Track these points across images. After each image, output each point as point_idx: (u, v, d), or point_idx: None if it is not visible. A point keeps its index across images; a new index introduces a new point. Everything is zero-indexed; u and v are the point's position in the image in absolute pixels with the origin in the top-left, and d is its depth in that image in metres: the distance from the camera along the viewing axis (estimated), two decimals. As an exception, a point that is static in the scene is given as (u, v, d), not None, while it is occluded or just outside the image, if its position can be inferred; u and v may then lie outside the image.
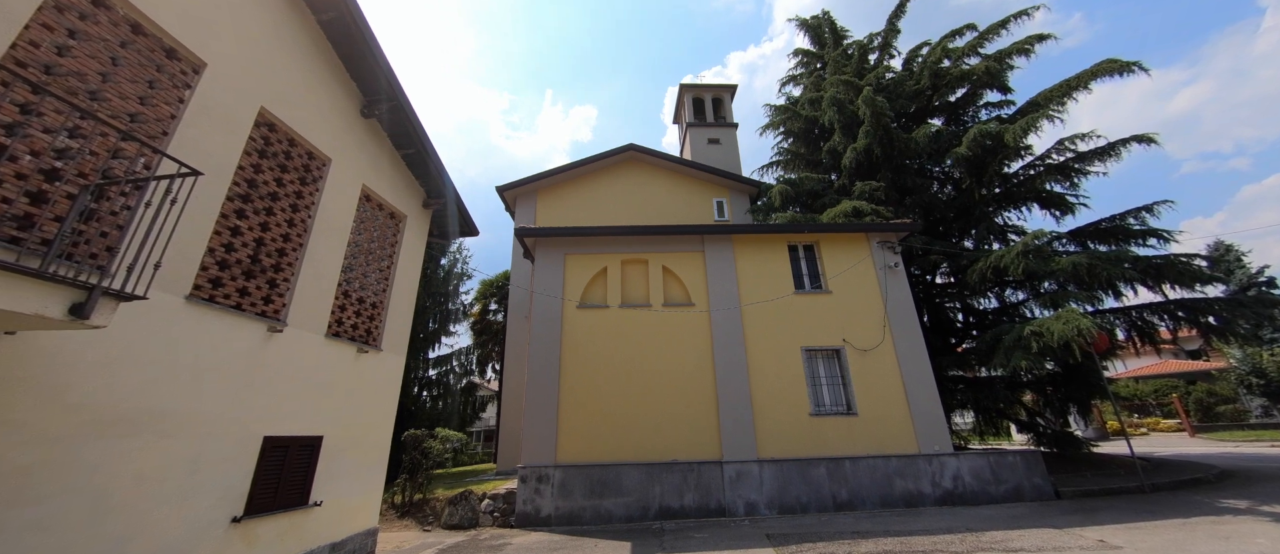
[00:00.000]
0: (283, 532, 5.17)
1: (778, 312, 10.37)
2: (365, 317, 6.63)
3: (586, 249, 10.85)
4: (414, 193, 7.87)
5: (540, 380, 9.53)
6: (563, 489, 8.67)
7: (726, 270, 10.72)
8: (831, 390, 9.97)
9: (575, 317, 10.18)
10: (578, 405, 9.38)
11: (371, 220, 6.97)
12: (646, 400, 9.48)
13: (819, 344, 10.15)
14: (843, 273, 10.77)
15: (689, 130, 17.82)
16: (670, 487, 8.75)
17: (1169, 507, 7.72)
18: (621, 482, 8.75)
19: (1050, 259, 10.95)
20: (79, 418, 3.60)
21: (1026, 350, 9.10)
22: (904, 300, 10.57)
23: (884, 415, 9.57)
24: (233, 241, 4.99)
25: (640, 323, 10.18)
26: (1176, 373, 26.95)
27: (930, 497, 8.90)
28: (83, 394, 3.63)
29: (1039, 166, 12.81)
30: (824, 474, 8.95)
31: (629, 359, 9.81)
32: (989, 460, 9.26)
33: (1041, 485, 9.13)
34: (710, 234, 10.97)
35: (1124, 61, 11.52)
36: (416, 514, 9.32)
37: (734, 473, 8.89)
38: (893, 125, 13.32)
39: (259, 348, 5.07)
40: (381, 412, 6.75)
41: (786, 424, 9.41)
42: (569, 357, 9.79)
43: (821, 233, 11.14)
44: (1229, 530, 6.14)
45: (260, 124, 5.43)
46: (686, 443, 9.18)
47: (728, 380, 9.66)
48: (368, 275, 6.79)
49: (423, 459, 9.65)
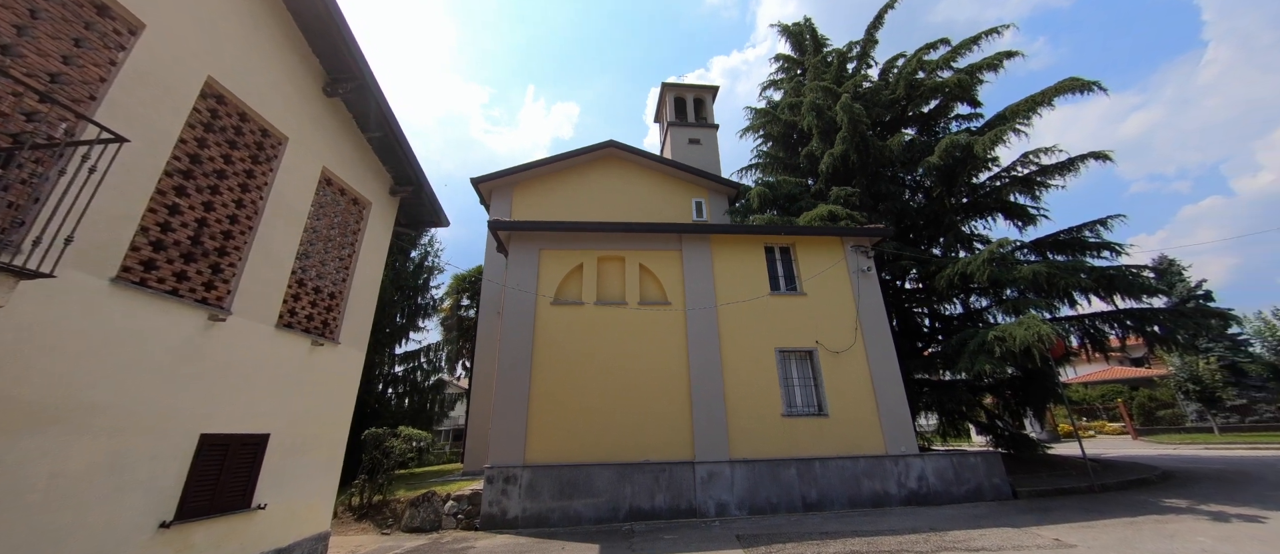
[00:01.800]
0: (220, 537, 4.77)
1: (753, 312, 10.38)
2: (322, 307, 6.24)
3: (562, 244, 10.62)
4: (380, 179, 7.48)
5: (510, 378, 9.24)
6: (531, 490, 8.43)
7: (703, 270, 10.67)
8: (804, 391, 10.05)
9: (549, 313, 9.94)
10: (549, 404, 9.14)
11: (332, 206, 6.58)
12: (620, 400, 9.33)
13: (793, 345, 10.21)
14: (818, 275, 10.87)
15: (670, 129, 17.77)
16: (641, 487, 8.62)
17: (1117, 506, 8.07)
18: (592, 482, 8.57)
19: (1013, 267, 11.36)
20: (-25, 411, 3.20)
21: (990, 354, 9.38)
22: (876, 304, 10.75)
23: (854, 417, 9.69)
24: (170, 221, 4.57)
25: (615, 321, 10.01)
26: (1122, 379, 28.57)
27: (896, 497, 9.06)
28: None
29: (1005, 178, 13.29)
30: (794, 475, 8.99)
31: (603, 358, 9.64)
32: (952, 461, 9.50)
33: (1000, 486, 9.42)
34: (688, 233, 10.90)
35: (1085, 80, 12.04)
36: (375, 517, 8.89)
37: (706, 473, 8.83)
38: (869, 133, 13.58)
39: (197, 337, 4.67)
40: (337, 408, 6.37)
41: (759, 425, 9.42)
42: (541, 354, 9.54)
43: (798, 235, 11.23)
44: (1172, 529, 6.44)
45: (207, 95, 5.01)
46: (659, 443, 9.07)
47: (702, 380, 9.60)
48: (326, 264, 6.40)
49: (384, 459, 9.22)
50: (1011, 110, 12.74)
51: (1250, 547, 5.44)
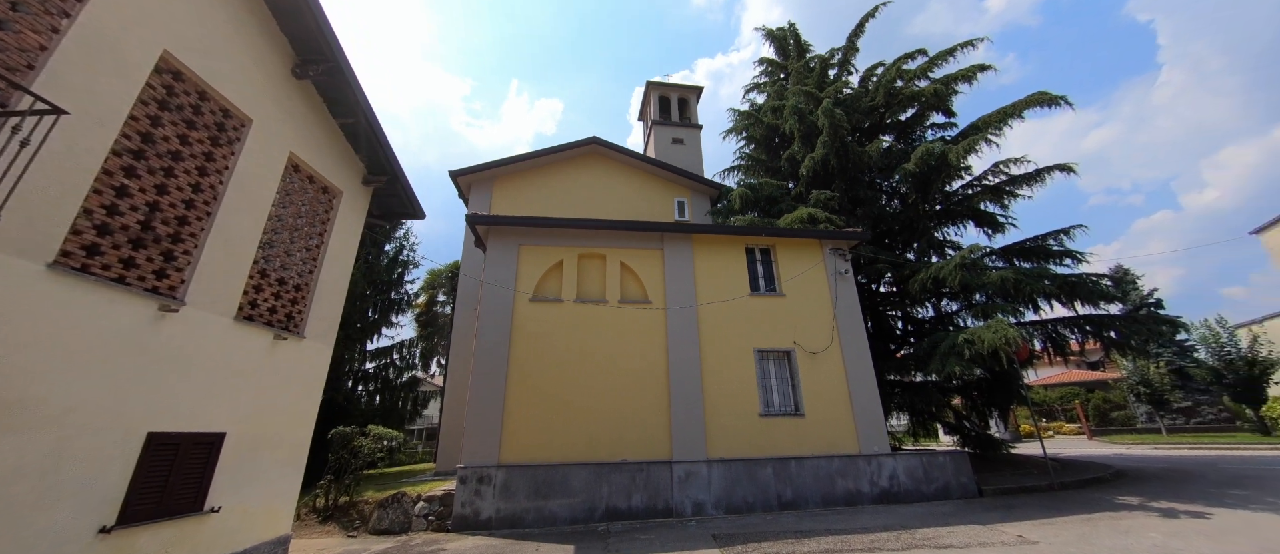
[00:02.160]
0: (168, 543, 4.48)
1: (733, 313, 10.43)
2: (286, 299, 5.94)
3: (542, 240, 10.45)
4: (352, 167, 7.19)
5: (486, 376, 9.03)
6: (505, 490, 8.25)
7: (685, 269, 10.66)
8: (781, 391, 10.15)
9: (527, 310, 9.76)
10: (525, 403, 8.97)
11: (300, 193, 6.27)
12: (598, 399, 9.23)
13: (771, 346, 10.30)
14: (797, 277, 11.00)
15: (654, 128, 17.73)
16: (618, 487, 8.54)
17: (1075, 503, 8.41)
18: (568, 482, 8.45)
19: (982, 273, 11.72)
20: (-118, 406, 2.89)
21: (960, 357, 9.65)
22: (852, 306, 10.95)
23: (829, 417, 9.84)
24: (118, 203, 4.26)
25: (595, 319, 9.91)
26: (1079, 382, 29.94)
27: (868, 495, 9.24)
28: (-111, 377, 2.92)
29: (976, 186, 13.73)
30: (771, 474, 9.06)
31: (582, 356, 9.52)
32: (922, 460, 9.74)
33: (967, 484, 9.71)
34: (670, 232, 10.87)
35: (1053, 95, 12.52)
36: (341, 519, 8.55)
37: (683, 473, 8.82)
38: (849, 138, 13.83)
39: (146, 329, 4.36)
40: (301, 406, 6.08)
41: (737, 424, 9.46)
42: (518, 352, 9.36)
43: (778, 237, 11.34)
44: (1127, 525, 6.73)
45: (163, 70, 4.69)
46: (637, 442, 9.01)
47: (681, 380, 9.59)
48: (292, 254, 6.09)
49: (351, 459, 8.89)
50: (984, 121, 13.15)
51: (1198, 542, 5.72)
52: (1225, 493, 8.63)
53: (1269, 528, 6.18)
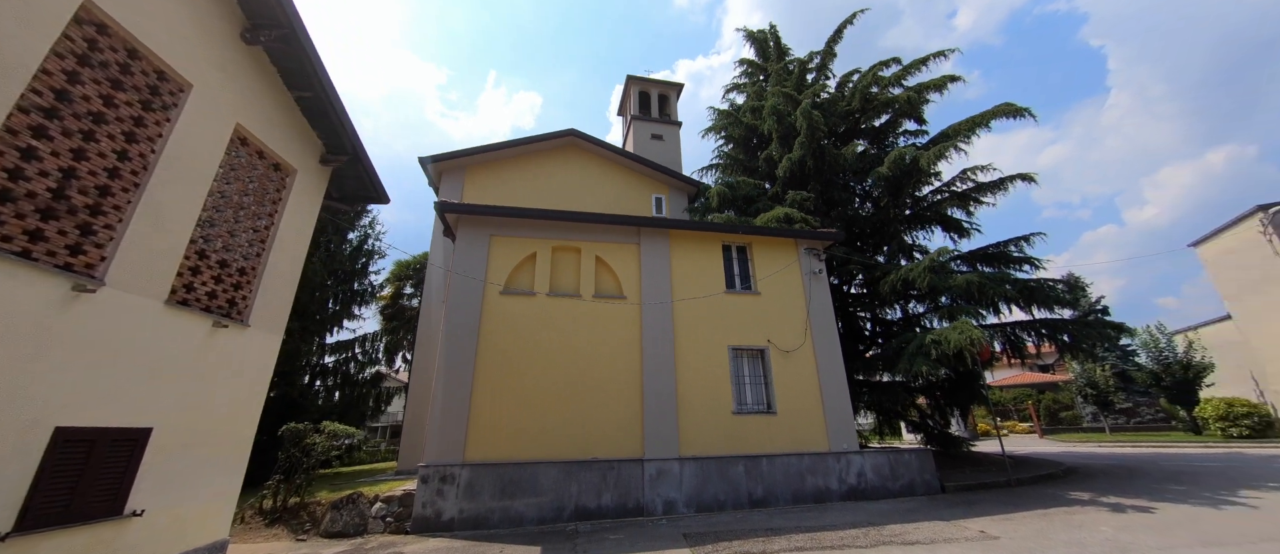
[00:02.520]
0: (79, 550, 4.00)
1: (708, 310, 10.35)
2: (229, 283, 5.46)
3: (515, 232, 10.10)
4: (308, 144, 6.70)
5: (452, 370, 8.65)
6: (469, 490, 7.90)
7: (661, 265, 10.51)
8: (754, 389, 10.14)
9: (497, 303, 9.40)
10: (493, 399, 8.63)
11: (247, 169, 5.77)
12: (569, 395, 8.97)
13: (745, 343, 10.28)
14: (772, 276, 11.02)
15: (633, 123, 17.53)
16: (588, 486, 8.32)
17: (1031, 499, 8.71)
18: (536, 481, 8.17)
19: (948, 276, 12.07)
20: None
21: (927, 356, 9.86)
22: (825, 306, 11.05)
23: (800, 415, 9.89)
24: (23, 167, 3.76)
25: (568, 314, 9.64)
26: (1031, 383, 31.51)
27: (837, 492, 9.33)
28: None
29: (945, 192, 14.13)
30: (742, 472, 9.03)
31: (553, 351, 9.24)
32: (888, 458, 9.91)
33: (931, 481, 9.95)
34: (647, 227, 10.70)
35: (1018, 106, 12.98)
36: (291, 521, 8.01)
37: (655, 471, 8.67)
38: (825, 140, 13.99)
39: (55, 311, 3.87)
40: (243, 399, 5.60)
41: (710, 422, 9.38)
42: (487, 346, 9.00)
43: (755, 235, 11.34)
44: (1080, 519, 6.98)
45: (84, 21, 4.18)
46: (608, 440, 8.81)
47: (655, 376, 9.44)
48: (237, 234, 5.60)
49: (304, 458, 8.34)
50: (953, 129, 13.54)
51: (1145, 536, 5.96)
52: (1165, 488, 9.12)
53: (1208, 521, 6.51)
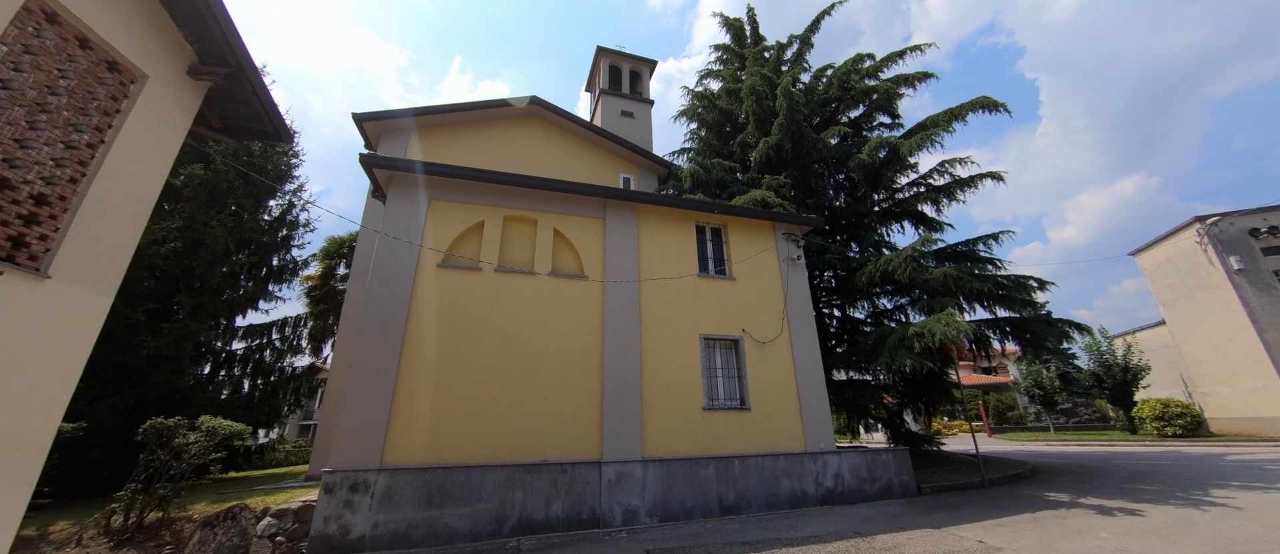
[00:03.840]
0: None
1: (679, 294, 9.32)
2: (12, 214, 3.82)
3: (461, 196, 8.66)
4: (169, 47, 5.04)
5: (372, 356, 7.15)
6: (387, 500, 6.47)
7: (628, 243, 9.37)
8: (727, 383, 9.19)
9: (434, 277, 7.96)
10: (422, 390, 7.21)
11: (55, 57, 4.12)
12: (517, 387, 7.67)
13: (719, 333, 9.31)
14: (748, 260, 10.13)
15: (602, 98, 16.28)
16: (536, 493, 7.06)
17: (1012, 501, 8.23)
18: (473, 488, 6.83)
19: (925, 270, 11.64)
20: None
21: (909, 350, 9.26)
22: (803, 295, 10.29)
23: (776, 412, 9.04)
24: None
25: (520, 293, 8.33)
26: (977, 384, 32.77)
27: (813, 496, 8.53)
28: None
29: (922, 186, 13.78)
30: (712, 475, 8.04)
31: (500, 336, 7.91)
32: (866, 459, 9.24)
33: (908, 483, 9.36)
34: (614, 199, 9.53)
35: (995, 100, 12.74)
36: (147, 542, 6.27)
37: (614, 475, 7.53)
38: (805, 124, 13.31)
39: None
40: (39, 381, 3.97)
41: (678, 419, 8.34)
42: (419, 326, 7.56)
43: (731, 216, 10.41)
44: (1074, 525, 6.43)
45: None
46: (561, 439, 7.59)
47: (617, 366, 8.29)
48: (33, 146, 3.96)
49: (173, 461, 6.61)
50: (932, 120, 13.18)
51: (1152, 543, 5.41)
52: (1136, 488, 8.91)
53: (1205, 525, 6.09)
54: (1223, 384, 18.20)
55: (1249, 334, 16.77)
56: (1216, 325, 18.26)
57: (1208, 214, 18.24)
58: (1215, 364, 18.47)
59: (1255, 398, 16.61)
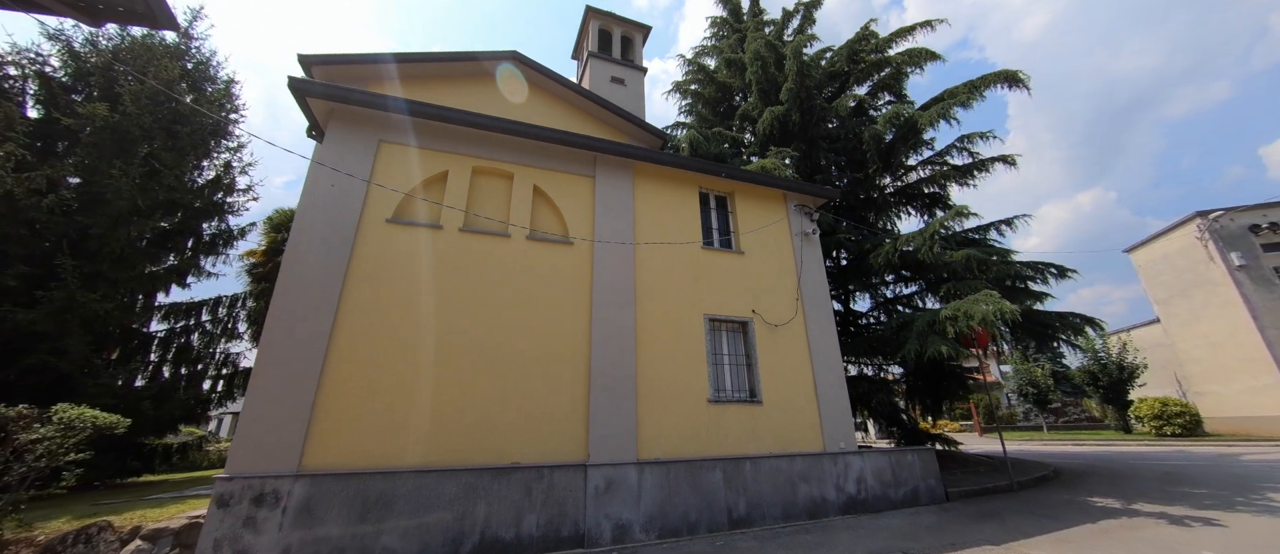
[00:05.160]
0: None
1: (681, 267, 7.96)
2: None
3: (420, 139, 7.11)
4: None
5: (293, 330, 5.57)
6: (306, 514, 4.92)
7: (621, 205, 7.97)
8: (735, 372, 7.88)
9: (381, 235, 6.40)
10: (359, 374, 5.66)
11: None
12: (483, 372, 6.19)
13: (726, 313, 8.00)
14: (757, 231, 8.85)
15: (590, 62, 14.79)
16: (504, 505, 5.60)
17: (1058, 509, 7.16)
18: (423, 497, 5.33)
19: (944, 251, 10.61)
20: None
21: (941, 335, 8.12)
22: (818, 274, 9.07)
23: (790, 406, 7.78)
24: None
25: (489, 258, 6.83)
26: (965, 383, 32.39)
27: (834, 504, 7.29)
28: None
29: (938, 165, 12.75)
30: (720, 480, 6.71)
31: (464, 308, 6.41)
32: (890, 460, 8.06)
33: (934, 487, 8.23)
34: (606, 154, 8.11)
35: (1015, 73, 11.81)
36: (-39, 575, 4.56)
37: (603, 481, 6.12)
38: (816, 92, 12.12)
39: None
40: None
41: (679, 413, 6.99)
42: (359, 295, 5.99)
43: (739, 181, 9.10)
44: (1158, 537, 5.37)
45: None
46: (537, 438, 6.14)
47: (608, 349, 6.88)
48: None
49: (11, 462, 4.91)
50: (950, 92, 12.15)
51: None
52: (1183, 492, 8.01)
53: (1319, 543, 5.06)
54: (1218, 383, 17.93)
55: (1249, 332, 16.46)
56: (1214, 323, 17.99)
57: (1209, 209, 17.96)
58: (1212, 363, 18.20)
59: (1255, 397, 16.32)
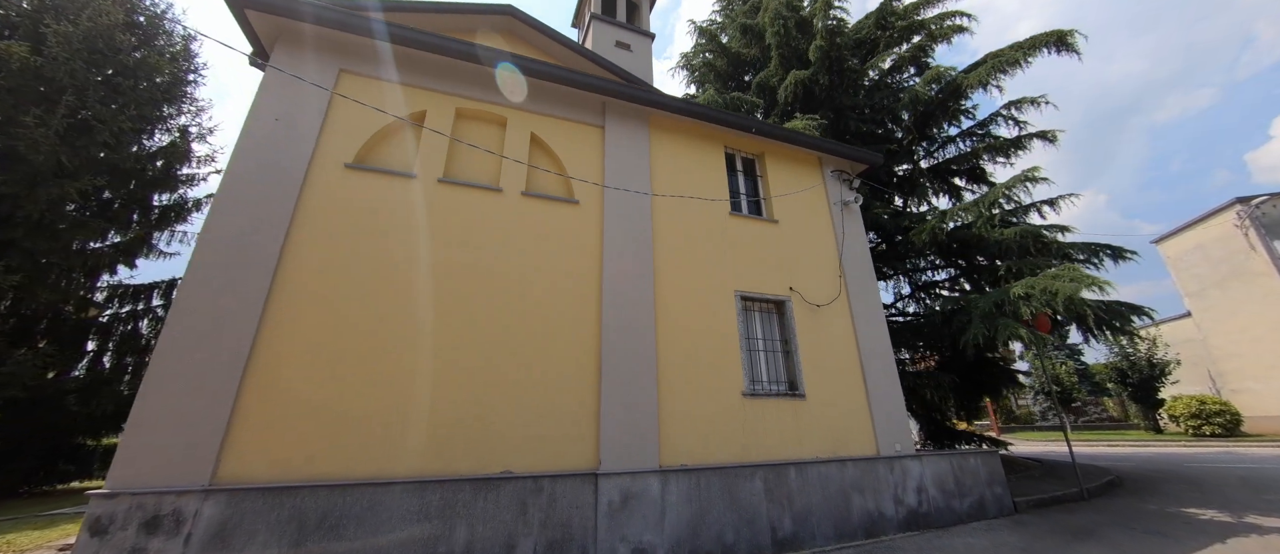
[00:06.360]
0: None
1: (707, 233, 6.70)
2: None
3: (390, 72, 5.79)
4: None
5: (212, 304, 4.24)
6: (218, 542, 3.60)
7: (636, 161, 6.68)
8: (771, 360, 6.62)
9: (337, 184, 5.08)
10: (299, 357, 4.35)
11: None
12: (465, 356, 4.89)
13: (760, 291, 6.73)
14: (791, 194, 7.60)
15: (593, 25, 13.48)
16: (491, 525, 4.30)
17: (1161, 523, 5.94)
18: (382, 516, 4.03)
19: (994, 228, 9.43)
20: None
21: (1014, 317, 6.90)
22: (861, 250, 7.83)
23: (837, 400, 6.52)
24: None
25: (475, 216, 5.52)
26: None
27: (893, 519, 6.04)
28: None
29: (981, 134, 11.55)
30: (760, 491, 5.44)
31: (443, 277, 5.10)
32: (951, 465, 6.82)
33: (1002, 496, 7.00)
34: (618, 98, 6.82)
35: (1064, 34, 10.62)
36: None
37: (618, 494, 4.83)
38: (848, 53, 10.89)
39: None
40: None
41: (709, 410, 5.71)
42: (303, 259, 4.68)
43: (770, 140, 7.84)
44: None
45: None
46: (533, 440, 4.85)
47: (622, 330, 5.59)
48: None
49: None
50: (994, 55, 10.94)
51: None
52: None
53: None
54: (1258, 380, 16.91)
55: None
56: (1254, 316, 16.95)
57: (1250, 196, 16.95)
58: (1252, 358, 17.17)
59: (1302, 395, 15.27)
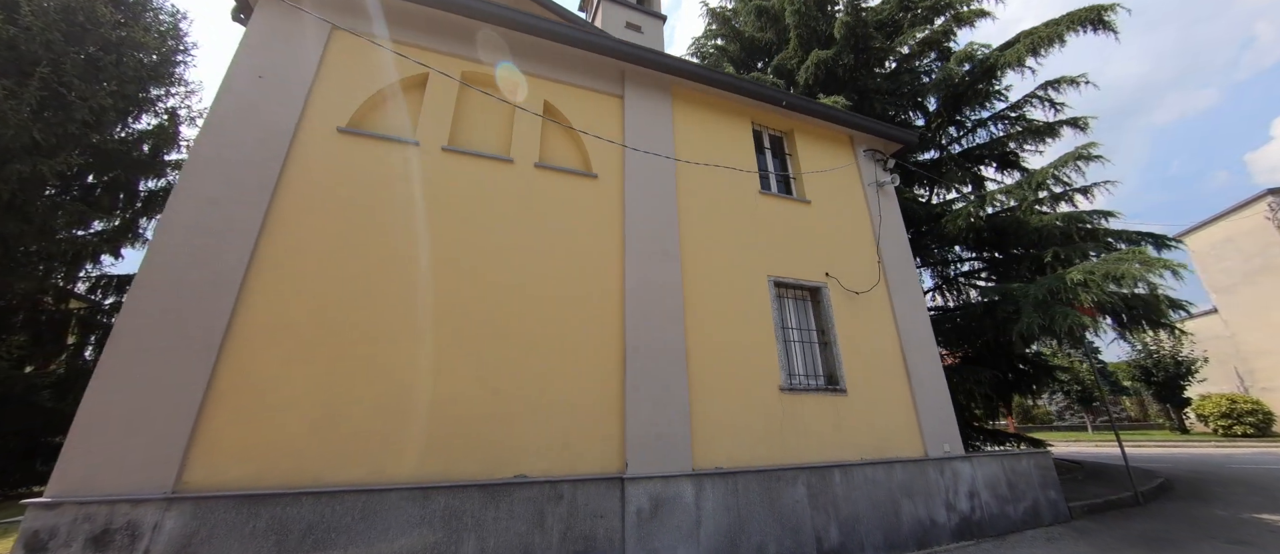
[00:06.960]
0: None
1: (735, 213, 6.13)
2: None
3: (390, 31, 5.22)
4: None
5: (178, 282, 3.68)
6: (178, 565, 3.01)
7: (658, 132, 6.11)
8: (806, 352, 6.03)
9: (330, 150, 4.50)
10: (283, 349, 3.77)
11: None
12: (472, 344, 4.31)
13: (794, 276, 6.14)
14: (823, 172, 7.02)
15: (602, 5, 12.93)
16: (504, 537, 3.71)
17: (1238, 530, 5.37)
18: (377, 528, 3.44)
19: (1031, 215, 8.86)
20: None
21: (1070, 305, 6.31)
22: (899, 232, 7.24)
23: (880, 396, 5.93)
24: None
25: (482, 189, 4.95)
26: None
27: (946, 527, 5.45)
28: None
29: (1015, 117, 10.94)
30: (803, 497, 4.85)
31: (446, 254, 4.52)
32: (1003, 468, 6.22)
33: (1056, 501, 6.42)
34: (637, 64, 6.24)
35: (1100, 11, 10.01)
36: None
37: (647, 501, 4.24)
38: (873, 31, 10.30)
39: None
40: None
41: (744, 406, 5.13)
42: (288, 233, 4.10)
43: (799, 115, 7.26)
44: None
45: None
46: (550, 440, 4.26)
47: (647, 317, 5.01)
48: None
49: None
50: (1026, 34, 10.35)
51: None
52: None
53: None
54: (1290, 378, 16.29)
55: (1332, 321, 14.80)
56: (1287, 312, 16.33)
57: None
58: (1284, 355, 16.56)
59: (1339, 393, 14.63)
